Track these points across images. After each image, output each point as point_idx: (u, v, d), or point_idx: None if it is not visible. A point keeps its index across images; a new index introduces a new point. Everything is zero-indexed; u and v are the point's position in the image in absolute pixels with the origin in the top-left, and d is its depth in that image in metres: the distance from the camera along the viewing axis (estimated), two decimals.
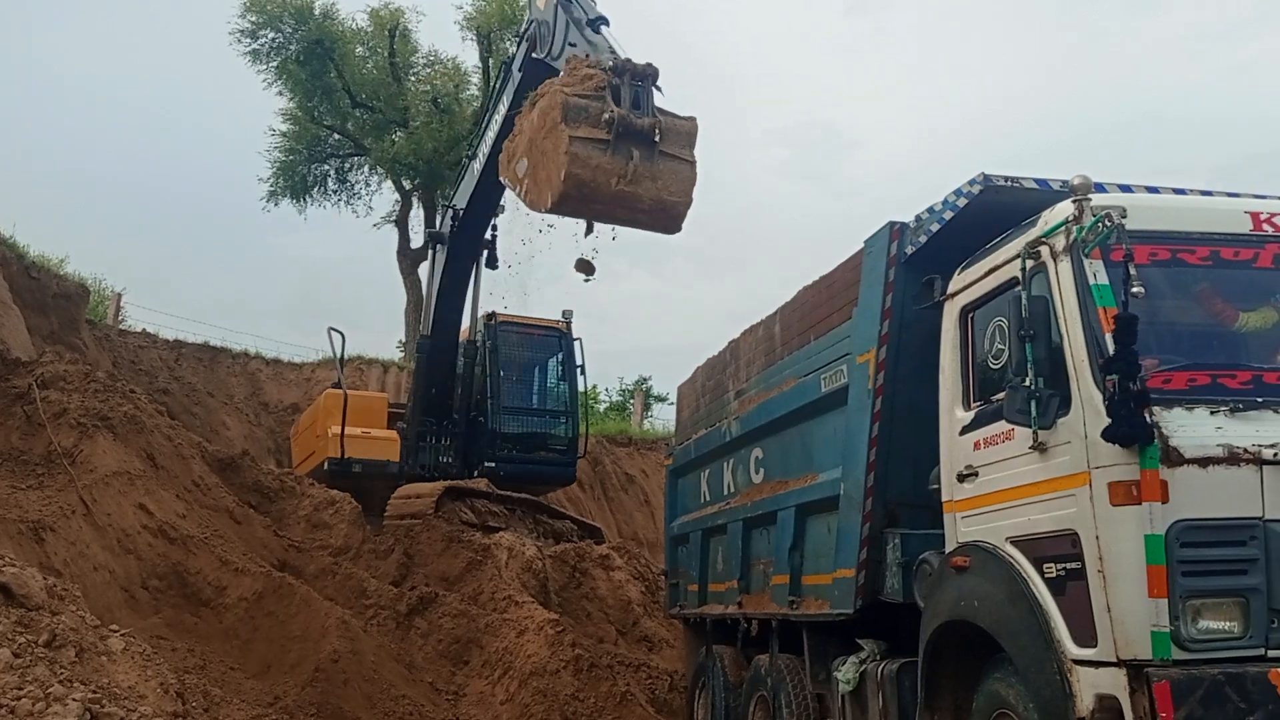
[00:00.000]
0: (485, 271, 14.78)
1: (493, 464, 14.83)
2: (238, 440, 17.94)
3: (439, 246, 14.87)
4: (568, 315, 15.87)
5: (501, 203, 13.85)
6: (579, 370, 15.84)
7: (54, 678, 5.67)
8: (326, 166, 24.53)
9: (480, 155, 13.23)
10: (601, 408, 29.83)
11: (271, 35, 22.37)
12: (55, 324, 15.82)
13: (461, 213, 14.07)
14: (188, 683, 7.40)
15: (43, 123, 52.89)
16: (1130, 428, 4.63)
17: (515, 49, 12.20)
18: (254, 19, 22.26)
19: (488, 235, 14.61)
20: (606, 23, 9.97)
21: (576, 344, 15.75)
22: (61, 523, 8.56)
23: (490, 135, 12.74)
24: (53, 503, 8.73)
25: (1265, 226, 5.48)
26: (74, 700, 5.54)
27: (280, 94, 23.26)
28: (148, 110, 59.34)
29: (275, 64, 22.60)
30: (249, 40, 22.35)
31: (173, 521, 9.72)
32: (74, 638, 6.23)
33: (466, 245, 14.49)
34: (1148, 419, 4.65)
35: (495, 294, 14.99)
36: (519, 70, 11.76)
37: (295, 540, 11.72)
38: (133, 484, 9.62)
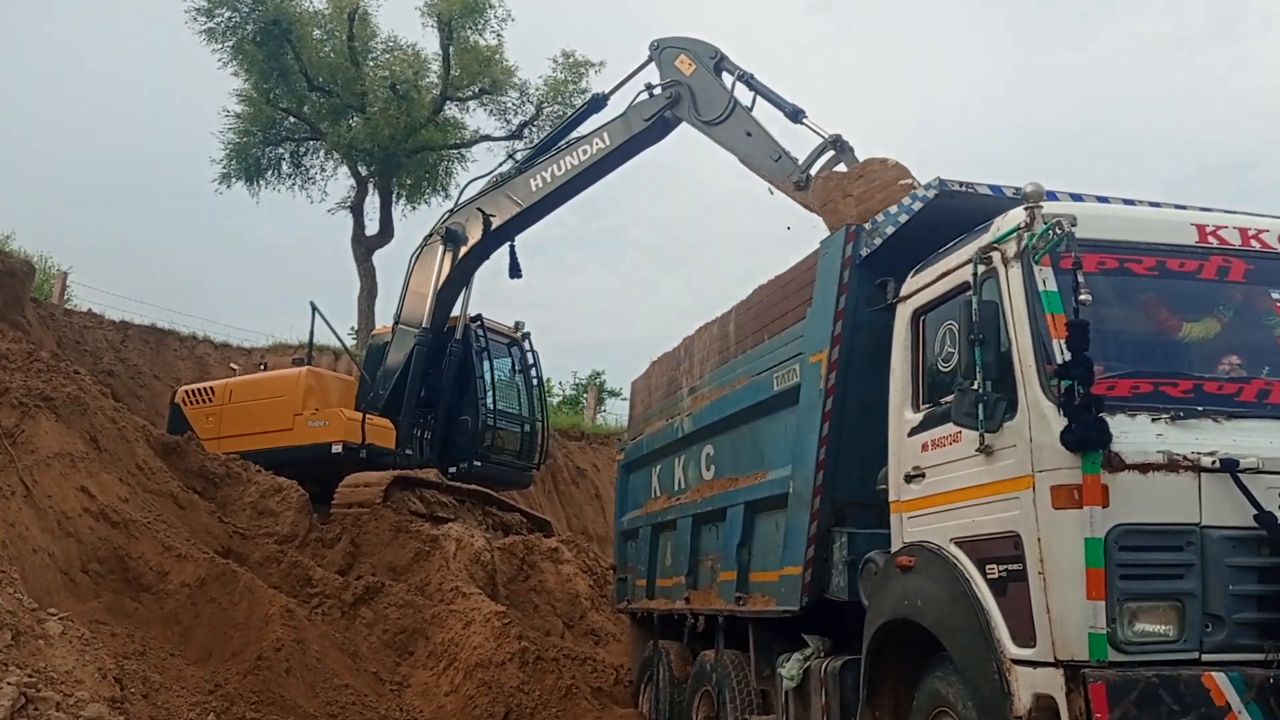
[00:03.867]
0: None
1: (479, 463, 14.93)
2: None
3: (448, 244, 14.80)
4: (521, 326, 16.20)
5: None
6: (538, 381, 16.40)
7: None
8: (281, 150, 24.16)
9: (543, 180, 13.70)
10: (554, 401, 29.76)
11: (228, 14, 21.96)
12: None
13: (495, 221, 14.27)
14: (127, 668, 7.30)
15: None
16: (1093, 432, 4.71)
17: (640, 100, 12.72)
18: None
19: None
20: (805, 114, 11.11)
21: (536, 354, 16.22)
22: (0, 504, 8.39)
23: (571, 162, 13.43)
24: None
25: (1210, 239, 5.61)
26: (9, 684, 5.46)
27: (235, 74, 22.89)
28: (98, 86, 58.24)
29: (231, 44, 22.20)
30: (204, 19, 21.93)
31: (115, 505, 9.57)
32: (10, 621, 6.14)
33: (489, 250, 14.73)
34: (1106, 423, 4.73)
35: None
36: (647, 121, 12.55)
37: (240, 527, 11.59)
38: (75, 466, 9.46)
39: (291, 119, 23.80)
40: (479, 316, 15.49)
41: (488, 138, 24.35)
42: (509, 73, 23.64)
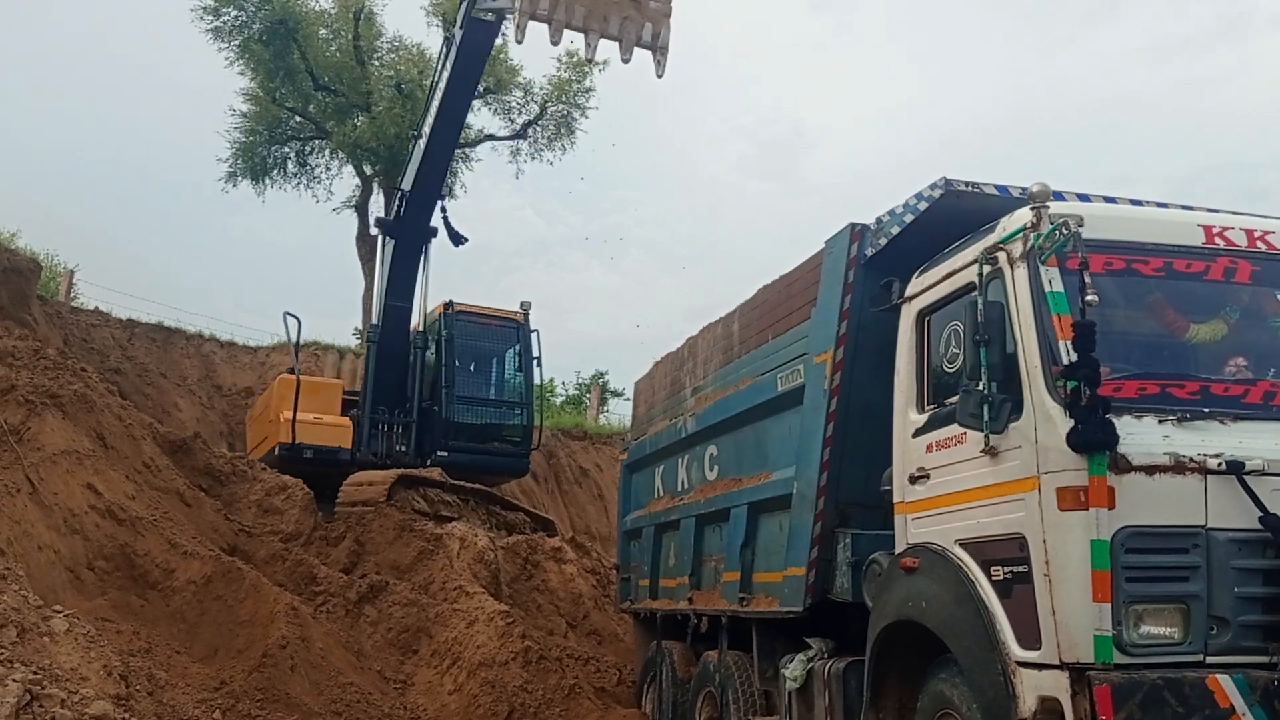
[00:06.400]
0: (446, 261, 15.04)
1: (445, 454, 14.81)
2: (190, 422, 17.70)
3: (385, 232, 15.10)
4: (526, 306, 15.82)
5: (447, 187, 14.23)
6: (535, 362, 15.65)
7: None
8: (287, 149, 24.24)
9: (425, 132, 13.80)
10: (558, 401, 29.74)
11: (234, 13, 22.05)
12: (5, 299, 15.47)
13: (408, 194, 14.33)
14: (132, 665, 7.31)
15: None
16: (1100, 433, 4.71)
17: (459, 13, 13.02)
18: None
19: (437, 216, 14.85)
20: None
21: (534, 335, 15.61)
22: (6, 501, 8.40)
23: (436, 98, 13.62)
24: None
25: (1217, 240, 5.60)
26: (14, 681, 5.46)
27: (242, 73, 22.98)
28: (103, 84, 58.36)
29: (237, 42, 22.29)
30: (211, 17, 22.02)
31: (121, 502, 9.58)
32: (15, 618, 6.14)
33: (414, 228, 14.64)
34: (1113, 425, 4.72)
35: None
36: (461, 28, 12.75)
37: (246, 525, 11.62)
38: (81, 463, 9.48)
39: (297, 118, 23.87)
40: (450, 303, 15.41)
41: (492, 137, 24.46)
42: (513, 72, 23.70)
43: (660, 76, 10.78)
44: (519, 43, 10.77)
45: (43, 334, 15.20)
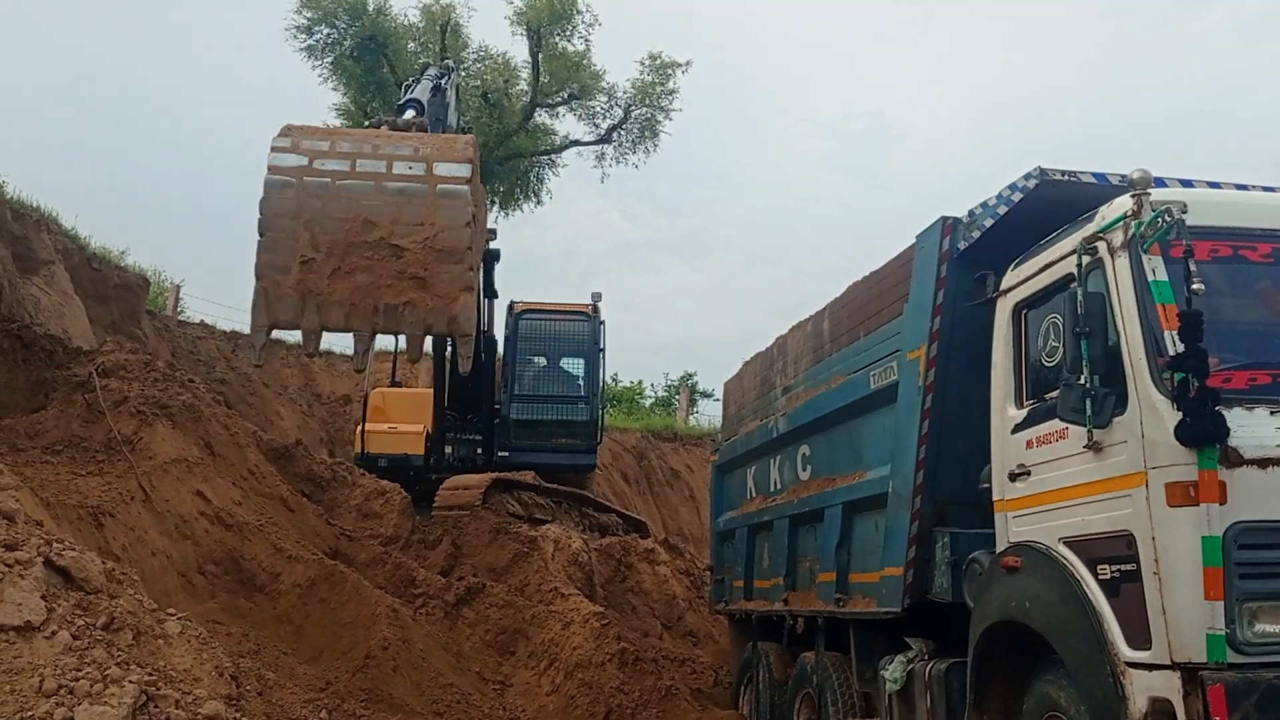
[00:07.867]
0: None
1: (505, 453, 14.85)
2: (291, 430, 18.21)
3: None
4: (596, 297, 15.70)
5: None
6: (600, 353, 15.43)
7: (111, 660, 5.77)
8: None
9: None
10: (647, 403, 29.83)
11: (326, 31, 22.61)
12: (116, 314, 16.14)
13: None
14: (242, 666, 7.51)
15: (107, 123, 54.07)
16: (1210, 426, 4.57)
17: None
18: (309, 15, 22.52)
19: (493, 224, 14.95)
20: None
21: (601, 327, 15.40)
22: (120, 508, 8.73)
23: None
24: (112, 489, 8.90)
25: None
26: (131, 682, 5.64)
27: (335, 89, 23.54)
28: (202, 106, 60.36)
29: (330, 59, 22.85)
30: (304, 36, 22.61)
31: (229, 508, 9.87)
32: (132, 621, 6.34)
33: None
34: (1224, 417, 4.58)
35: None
36: None
37: (346, 529, 11.87)
38: (190, 471, 9.79)
39: None
40: (512, 303, 15.53)
41: (577, 143, 24.62)
42: (597, 77, 23.82)
43: (464, 371, 8.79)
44: (257, 364, 8.64)
45: (152, 347, 15.79)
